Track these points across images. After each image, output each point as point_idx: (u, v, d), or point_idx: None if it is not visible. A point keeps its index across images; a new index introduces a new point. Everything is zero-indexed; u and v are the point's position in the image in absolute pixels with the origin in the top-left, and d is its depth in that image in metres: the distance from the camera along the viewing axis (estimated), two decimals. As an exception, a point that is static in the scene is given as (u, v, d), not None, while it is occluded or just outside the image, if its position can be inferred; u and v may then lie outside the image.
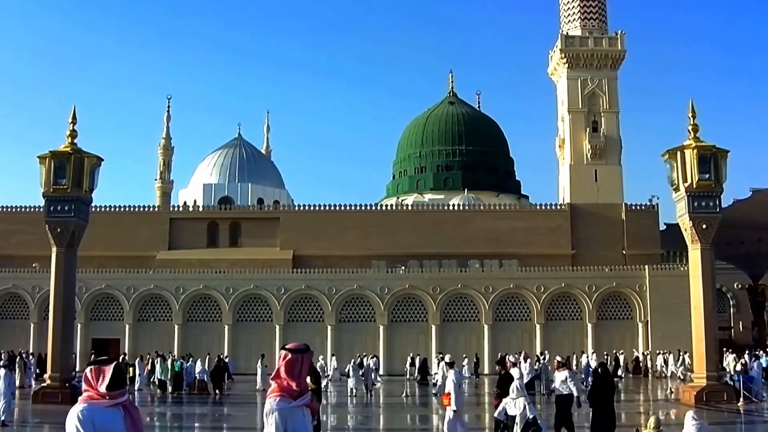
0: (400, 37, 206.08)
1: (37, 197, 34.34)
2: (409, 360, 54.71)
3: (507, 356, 32.58)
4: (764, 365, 42.36)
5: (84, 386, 6.33)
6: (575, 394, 19.63)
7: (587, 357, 51.26)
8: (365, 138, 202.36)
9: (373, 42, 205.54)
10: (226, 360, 45.08)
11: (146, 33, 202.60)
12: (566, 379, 19.91)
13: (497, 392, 19.93)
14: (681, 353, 51.92)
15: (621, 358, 56.55)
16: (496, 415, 19.19)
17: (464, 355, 54.46)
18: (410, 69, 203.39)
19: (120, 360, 42.77)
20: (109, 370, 6.25)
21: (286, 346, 6.87)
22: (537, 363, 41.26)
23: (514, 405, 18.01)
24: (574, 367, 47.87)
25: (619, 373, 52.11)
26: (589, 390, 19.93)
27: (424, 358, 53.35)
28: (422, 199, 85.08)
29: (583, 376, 45.81)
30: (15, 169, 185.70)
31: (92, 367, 6.34)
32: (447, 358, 21.03)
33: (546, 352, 50.87)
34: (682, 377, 48.85)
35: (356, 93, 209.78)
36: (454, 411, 18.59)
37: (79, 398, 6.32)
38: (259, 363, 45.29)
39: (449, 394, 18.59)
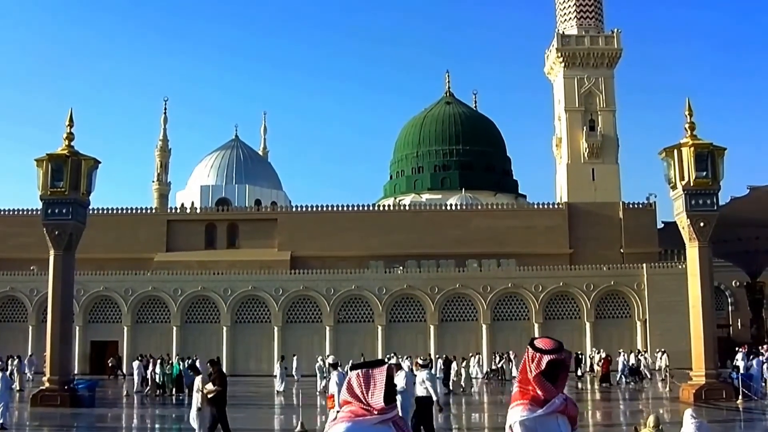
0: (396, 37, 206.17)
1: (34, 200, 34.21)
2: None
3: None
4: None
5: (346, 396, 5.07)
6: (434, 396, 18.94)
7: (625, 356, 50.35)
8: (362, 138, 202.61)
9: (370, 42, 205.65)
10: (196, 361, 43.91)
11: (143, 34, 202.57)
12: (424, 380, 19.04)
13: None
14: (641, 353, 52.48)
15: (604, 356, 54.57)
16: None
17: (437, 356, 54.16)
18: (407, 69, 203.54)
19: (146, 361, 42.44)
20: (381, 376, 5.01)
21: (532, 342, 5.70)
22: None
23: None
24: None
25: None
26: None
27: (448, 358, 52.82)
28: (420, 199, 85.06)
29: (620, 375, 46.37)
30: (12, 171, 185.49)
31: (359, 372, 5.07)
32: (330, 359, 20.38)
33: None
34: (645, 376, 49.14)
35: (353, 93, 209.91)
36: (338, 412, 18.05)
37: (339, 413, 5.15)
38: (278, 364, 45.24)
39: (333, 395, 18.02)
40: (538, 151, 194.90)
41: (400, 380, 19.39)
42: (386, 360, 21.43)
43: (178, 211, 78.29)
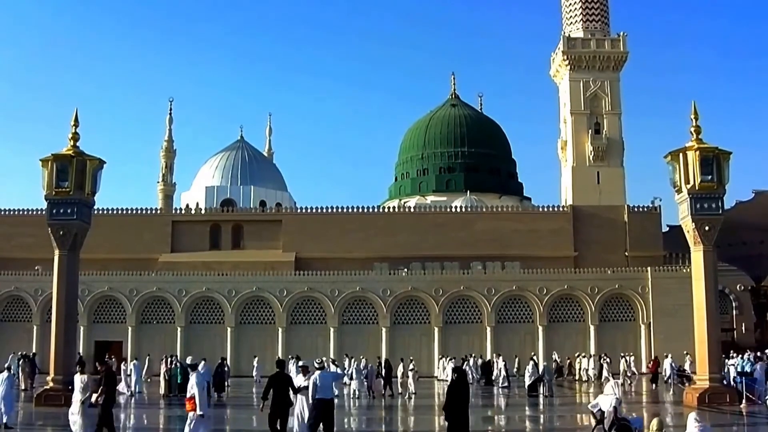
0: (402, 39, 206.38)
1: (39, 200, 34.36)
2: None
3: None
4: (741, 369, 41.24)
5: None
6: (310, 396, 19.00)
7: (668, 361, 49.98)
8: (367, 140, 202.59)
9: (376, 44, 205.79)
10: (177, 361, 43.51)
11: (148, 35, 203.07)
12: (314, 381, 19.13)
13: (263, 394, 19.86)
14: (600, 357, 52.73)
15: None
16: (590, 407, 19.41)
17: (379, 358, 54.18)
18: (412, 71, 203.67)
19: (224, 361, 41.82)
20: None
21: None
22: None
23: (606, 401, 18.42)
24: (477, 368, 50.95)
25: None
26: (445, 399, 18.48)
27: (487, 360, 52.42)
28: (424, 201, 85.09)
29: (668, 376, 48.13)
30: (17, 171, 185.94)
31: None
32: (188, 359, 20.04)
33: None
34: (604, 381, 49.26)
35: (358, 95, 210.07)
36: (200, 416, 17.80)
37: None
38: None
39: (193, 398, 17.90)
40: (543, 154, 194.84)
41: (301, 380, 19.65)
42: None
43: (183, 211, 78.46)
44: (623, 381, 48.68)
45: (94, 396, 19.22)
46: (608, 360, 51.49)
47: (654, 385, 46.40)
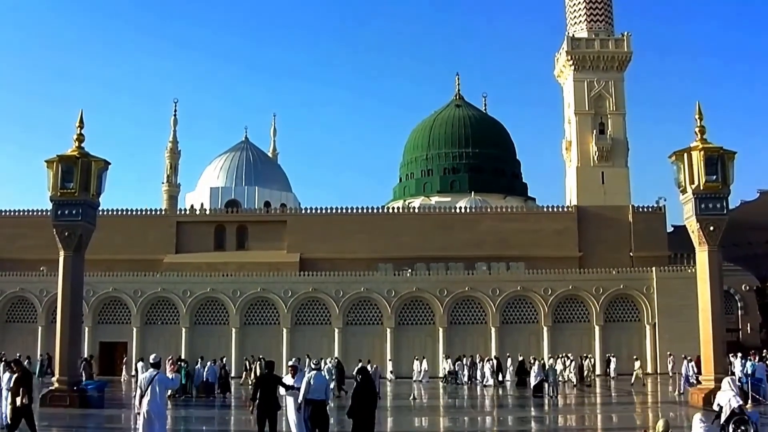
0: (406, 40, 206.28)
1: (44, 201, 34.32)
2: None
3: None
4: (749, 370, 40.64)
5: None
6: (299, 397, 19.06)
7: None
8: (372, 141, 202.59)
9: (380, 45, 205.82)
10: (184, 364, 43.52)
11: (153, 37, 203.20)
12: (310, 381, 19.19)
13: (252, 394, 19.91)
14: (570, 358, 52.31)
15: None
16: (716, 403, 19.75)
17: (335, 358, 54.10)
18: (417, 72, 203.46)
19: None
20: None
21: None
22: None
23: (724, 396, 18.71)
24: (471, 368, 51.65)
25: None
26: (351, 402, 18.57)
27: (521, 360, 52.21)
28: (429, 201, 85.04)
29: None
30: (23, 173, 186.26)
31: None
32: (152, 358, 19.77)
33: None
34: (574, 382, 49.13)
35: (363, 96, 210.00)
36: (145, 417, 17.80)
37: None
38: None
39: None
40: (548, 154, 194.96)
41: (288, 379, 19.70)
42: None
43: (188, 212, 78.49)
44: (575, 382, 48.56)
45: (18, 399, 19.46)
46: (571, 360, 51.05)
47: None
